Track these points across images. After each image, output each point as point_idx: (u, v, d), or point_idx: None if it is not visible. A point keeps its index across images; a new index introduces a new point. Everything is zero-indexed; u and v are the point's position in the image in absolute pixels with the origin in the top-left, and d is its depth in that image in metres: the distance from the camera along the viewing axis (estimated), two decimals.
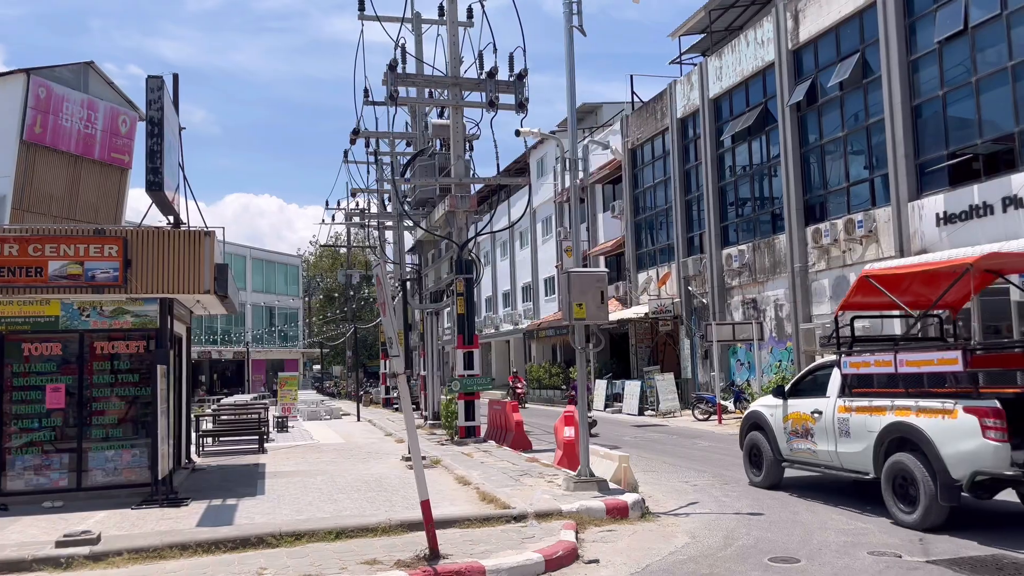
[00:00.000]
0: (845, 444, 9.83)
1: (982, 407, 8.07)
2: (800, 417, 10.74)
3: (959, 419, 8.19)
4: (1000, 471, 7.92)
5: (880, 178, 19.96)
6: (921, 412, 8.66)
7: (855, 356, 9.98)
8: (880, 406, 9.27)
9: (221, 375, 52.48)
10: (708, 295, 26.90)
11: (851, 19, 20.70)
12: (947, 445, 8.26)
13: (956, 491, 8.24)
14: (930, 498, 8.38)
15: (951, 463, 8.20)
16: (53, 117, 30.95)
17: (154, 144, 9.55)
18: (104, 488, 10.95)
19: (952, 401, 8.37)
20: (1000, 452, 7.89)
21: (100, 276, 10.35)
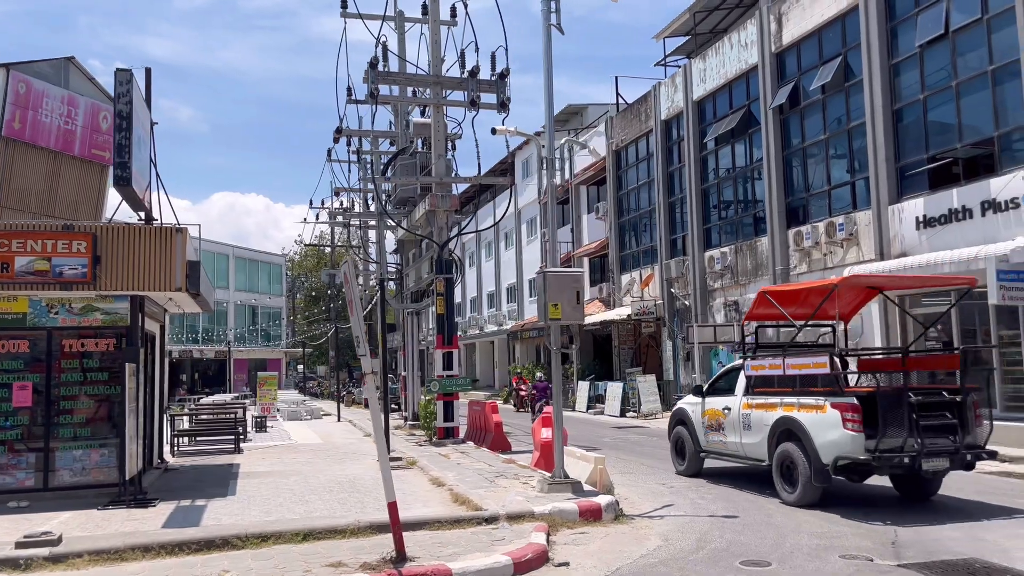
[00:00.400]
0: (748, 436, 11.38)
1: (843, 403, 9.71)
2: (714, 413, 12.32)
3: (827, 413, 9.84)
4: (856, 456, 9.60)
5: (861, 181, 20.00)
6: (801, 408, 10.30)
7: (756, 360, 11.58)
8: (773, 403, 10.89)
9: (203, 374, 52.09)
10: (690, 297, 26.90)
11: (833, 22, 20.73)
12: (819, 435, 9.88)
13: (826, 474, 9.84)
14: (806, 479, 9.98)
15: (821, 450, 9.82)
16: (32, 112, 30.59)
17: (122, 138, 9.39)
18: (72, 488, 10.77)
19: (823, 398, 10.00)
20: (856, 440, 9.58)
21: (68, 272, 10.18)
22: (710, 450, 12.57)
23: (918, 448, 9.45)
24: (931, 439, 9.67)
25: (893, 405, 9.61)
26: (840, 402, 9.73)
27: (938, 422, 9.87)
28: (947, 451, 9.71)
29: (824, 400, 9.94)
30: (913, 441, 9.48)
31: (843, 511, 9.72)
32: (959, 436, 9.87)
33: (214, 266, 51.09)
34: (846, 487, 11.14)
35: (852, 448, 9.57)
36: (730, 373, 12.58)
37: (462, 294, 53.04)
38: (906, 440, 9.49)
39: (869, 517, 9.38)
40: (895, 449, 9.52)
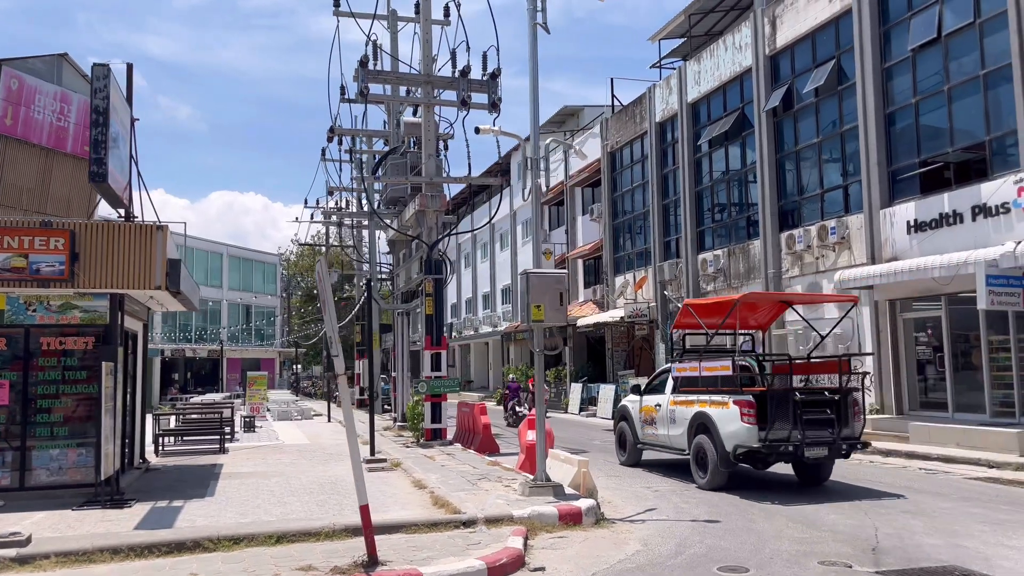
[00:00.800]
0: (673, 429, 12.99)
1: (742, 400, 11.40)
2: (649, 409, 13.98)
3: (730, 408, 11.50)
4: (751, 445, 11.26)
5: (854, 185, 19.93)
6: (712, 404, 11.94)
7: (682, 363, 13.36)
8: (692, 400, 12.57)
9: (196, 374, 51.92)
10: (683, 299, 26.79)
11: (827, 25, 20.67)
12: (723, 427, 11.54)
13: (729, 461, 11.52)
14: (714, 465, 11.66)
15: (725, 440, 11.48)
16: (25, 109, 30.42)
17: (98, 134, 9.27)
18: (48, 488, 10.65)
19: (728, 396, 11.66)
20: (751, 431, 11.25)
21: (45, 270, 10.07)
22: (646, 442, 14.23)
23: (800, 439, 11.16)
24: (812, 431, 11.31)
25: (781, 402, 11.33)
26: (739, 399, 11.42)
27: (819, 417, 11.50)
28: (826, 442, 11.36)
29: (728, 398, 11.63)
30: (797, 433, 11.18)
31: (828, 519, 9.64)
32: (836, 429, 11.49)
33: (207, 265, 50.98)
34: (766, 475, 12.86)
35: (748, 438, 11.28)
36: (663, 374, 14.30)
37: (457, 295, 52.96)
38: (791, 432, 11.21)
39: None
40: (782, 439, 11.21)
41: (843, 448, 11.55)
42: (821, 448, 11.31)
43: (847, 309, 14.71)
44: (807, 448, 11.17)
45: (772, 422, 11.12)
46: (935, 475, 13.27)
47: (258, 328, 56.00)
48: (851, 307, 14.38)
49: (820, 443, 11.28)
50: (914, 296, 17.96)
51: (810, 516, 9.75)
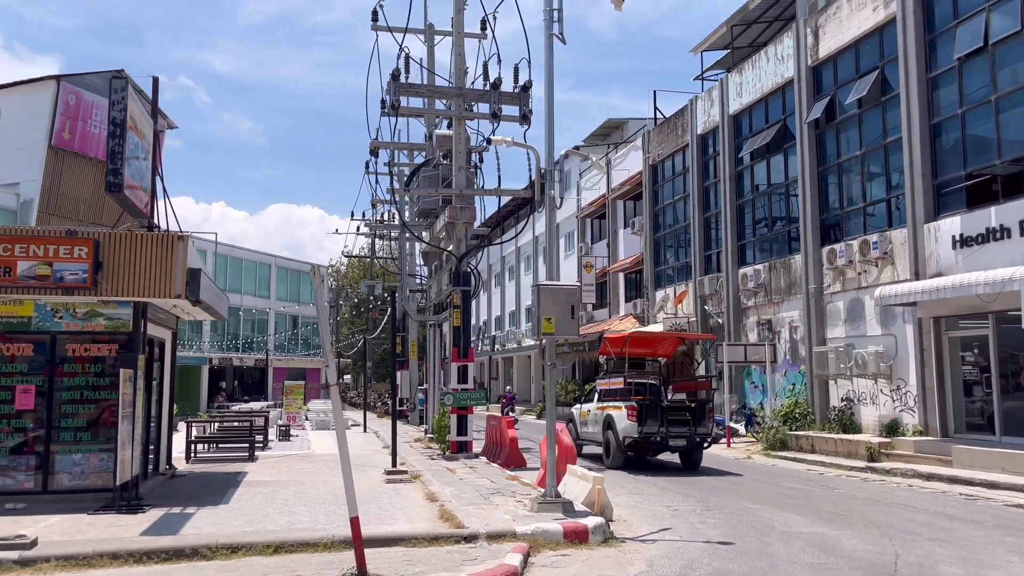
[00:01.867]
0: (595, 427, 17.94)
1: (629, 405, 16.65)
2: (584, 413, 19.00)
3: (623, 411, 16.67)
4: (633, 436, 16.38)
5: (897, 198, 19.31)
6: (614, 408, 17.13)
7: (602, 379, 19.07)
8: (604, 406, 17.74)
9: (243, 382, 52.86)
10: (724, 315, 26.32)
11: (871, 35, 20.14)
12: (619, 424, 16.69)
13: (622, 447, 16.66)
14: (614, 451, 16.84)
15: (619, 433, 16.60)
16: (82, 123, 31.53)
17: (115, 145, 9.49)
18: (70, 492, 10.86)
19: (622, 403, 16.93)
20: (633, 427, 16.36)
21: (69, 278, 10.30)
22: (583, 438, 18.76)
23: (665, 432, 16.34)
24: (675, 428, 16.44)
25: (653, 408, 16.65)
26: (627, 405, 16.68)
27: (680, 418, 16.63)
28: (684, 436, 16.50)
29: (622, 404, 16.87)
30: (664, 428, 16.35)
31: (847, 543, 9.27)
32: (693, 427, 16.59)
33: (256, 275, 51.95)
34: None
35: (631, 431, 16.37)
36: (594, 388, 19.85)
37: (501, 307, 52.98)
38: (659, 428, 16.38)
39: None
40: (653, 433, 16.36)
41: (696, 440, 16.64)
42: (681, 440, 16.52)
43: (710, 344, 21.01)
44: (671, 439, 16.42)
45: (646, 421, 16.32)
46: (975, 501, 12.68)
47: (305, 338, 56.80)
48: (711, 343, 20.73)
49: (680, 436, 16.47)
50: (960, 314, 17.28)
51: (829, 541, 9.37)
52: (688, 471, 16.60)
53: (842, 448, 18.41)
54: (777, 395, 23.32)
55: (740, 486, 14.37)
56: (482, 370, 58.97)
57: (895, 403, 18.97)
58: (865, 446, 17.55)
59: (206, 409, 40.10)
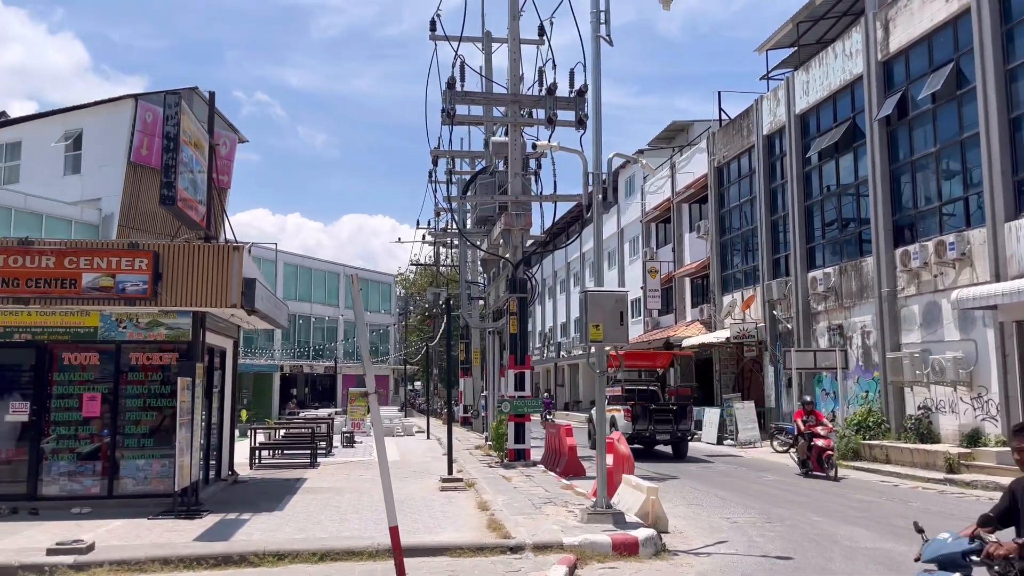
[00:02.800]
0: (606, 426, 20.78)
1: (624, 408, 20.67)
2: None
3: (620, 413, 20.46)
4: (628, 432, 19.71)
5: (975, 197, 18.39)
6: (615, 411, 20.59)
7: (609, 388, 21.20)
8: (613, 408, 20.72)
9: (313, 389, 53.94)
10: (793, 320, 25.53)
11: (944, 27, 19.27)
12: (619, 423, 19.94)
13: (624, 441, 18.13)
14: None
15: (619, 430, 18.08)
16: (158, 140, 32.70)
17: (169, 159, 9.74)
18: (133, 497, 11.19)
19: (620, 406, 20.79)
20: (628, 425, 20.33)
21: (130, 289, 10.62)
22: None
23: (652, 430, 20.55)
24: (660, 426, 20.63)
25: (643, 410, 20.65)
26: (624, 408, 20.71)
27: (664, 418, 20.78)
28: (668, 431, 20.68)
29: (621, 407, 20.75)
30: (651, 426, 20.52)
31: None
32: (675, 425, 20.70)
33: (326, 284, 53.02)
34: None
35: (627, 428, 20.05)
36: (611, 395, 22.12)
37: (566, 314, 52.73)
38: (648, 426, 20.45)
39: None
40: (643, 429, 20.46)
41: (679, 435, 20.80)
42: (665, 435, 20.73)
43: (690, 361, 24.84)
44: (657, 434, 20.66)
45: (638, 420, 20.36)
46: None
47: (373, 345, 57.69)
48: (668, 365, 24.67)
49: (664, 432, 20.70)
50: None
51: (896, 558, 8.91)
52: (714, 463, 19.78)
53: (918, 459, 17.59)
54: (849, 403, 22.47)
55: (806, 497, 13.85)
56: (548, 377, 58.77)
57: (976, 411, 18.03)
58: (943, 457, 16.73)
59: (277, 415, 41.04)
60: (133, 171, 31.21)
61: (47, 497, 11.00)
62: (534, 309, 56.56)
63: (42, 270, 10.41)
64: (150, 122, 31.74)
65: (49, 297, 10.48)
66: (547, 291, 57.59)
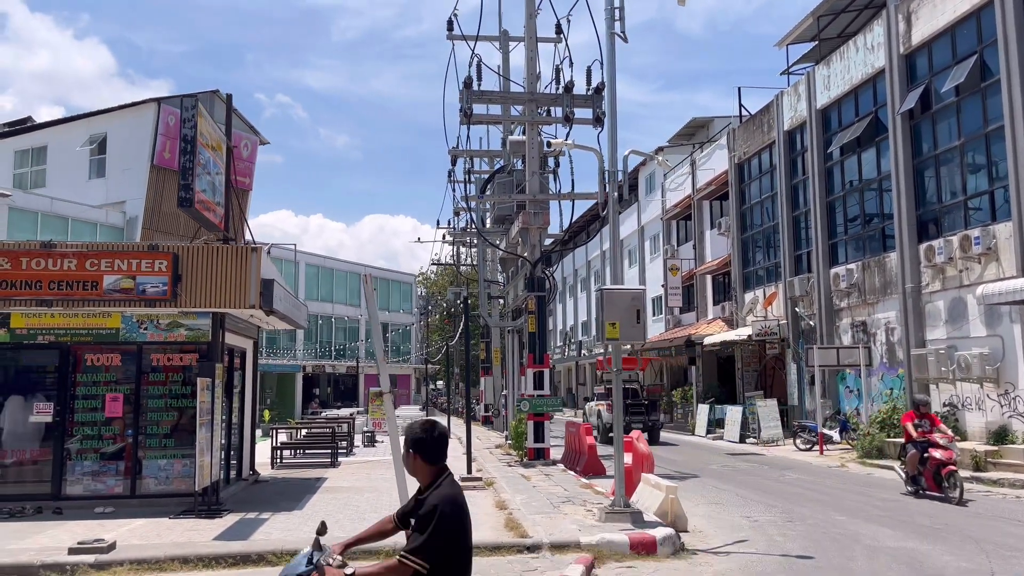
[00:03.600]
0: (594, 418, 25.50)
1: (605, 403, 24.73)
2: (589, 409, 27.36)
3: (603, 407, 25.18)
4: (608, 422, 23.50)
5: (1000, 190, 18.09)
6: (599, 405, 25.99)
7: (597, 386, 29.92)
8: (597, 403, 26.19)
9: (336, 389, 54.24)
10: (815, 317, 25.28)
11: (967, 18, 18.97)
12: (603, 415, 25.06)
13: (604, 430, 24.08)
14: (601, 432, 24.00)
15: (603, 421, 24.71)
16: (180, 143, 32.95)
17: (186, 161, 9.83)
18: (156, 496, 11.31)
19: (604, 402, 25.35)
20: (609, 416, 23.24)
21: (151, 290, 10.73)
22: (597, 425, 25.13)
23: (627, 420, 20.87)
24: (634, 416, 23.73)
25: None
26: (604, 403, 24.45)
27: (638, 411, 24.72)
28: (641, 421, 24.01)
29: (604, 402, 24.47)
30: (627, 417, 21.50)
31: (941, 560, 8.65)
32: (647, 416, 24.94)
33: (347, 284, 53.28)
34: None
35: (608, 419, 23.03)
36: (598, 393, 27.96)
37: (587, 312, 52.59)
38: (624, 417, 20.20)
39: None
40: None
41: (650, 424, 24.86)
42: (639, 424, 23.23)
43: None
44: (632, 424, 22.52)
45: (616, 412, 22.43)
46: None
47: (395, 345, 57.89)
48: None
49: (639, 421, 23.80)
50: None
51: (919, 557, 8.78)
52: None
53: None
54: (873, 400, 22.20)
55: (828, 496, 13.70)
56: (569, 375, 58.66)
57: (1003, 408, 17.74)
58: (970, 454, 16.47)
59: (300, 415, 41.30)
60: (156, 174, 31.51)
61: (71, 497, 11.15)
62: (554, 308, 56.50)
63: (64, 272, 10.56)
64: (172, 125, 31.99)
65: (71, 299, 10.62)
66: (567, 289, 57.47)
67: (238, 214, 13.50)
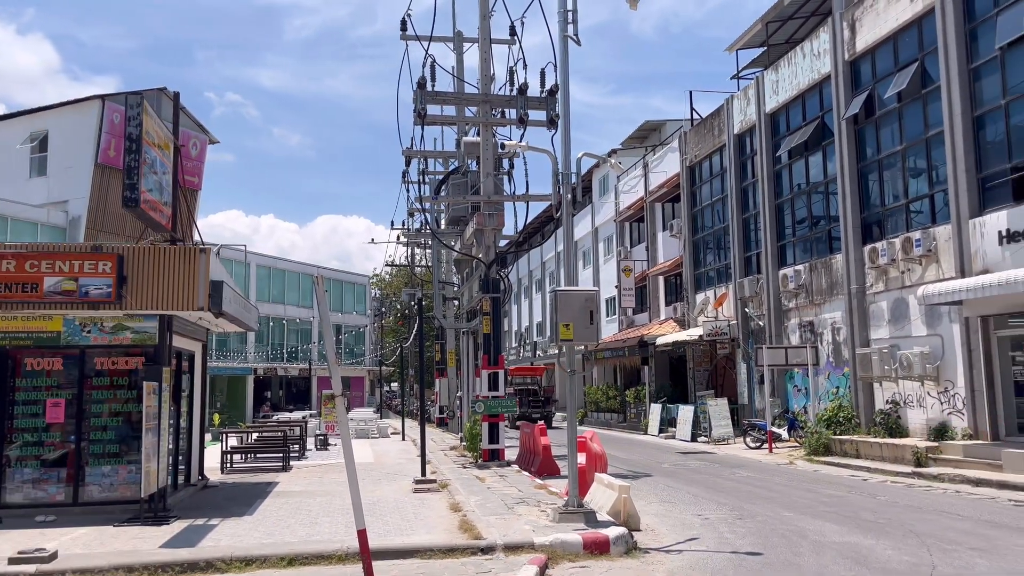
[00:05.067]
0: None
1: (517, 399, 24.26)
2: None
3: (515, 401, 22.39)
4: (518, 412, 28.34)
5: (940, 194, 18.66)
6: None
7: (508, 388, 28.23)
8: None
9: (288, 391, 53.51)
10: (764, 317, 25.75)
11: (909, 26, 19.53)
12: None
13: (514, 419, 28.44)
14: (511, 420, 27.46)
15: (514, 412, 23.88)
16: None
17: (132, 160, 9.61)
18: (100, 503, 11.02)
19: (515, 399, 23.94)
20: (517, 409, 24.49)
21: (94, 292, 10.46)
22: None
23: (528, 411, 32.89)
24: (533, 408, 34.27)
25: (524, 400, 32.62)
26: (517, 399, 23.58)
27: (535, 403, 35.43)
28: (539, 412, 33.64)
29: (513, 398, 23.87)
30: (528, 410, 33.25)
31: (884, 556, 8.88)
32: (544, 409, 35.29)
33: (299, 285, 52.63)
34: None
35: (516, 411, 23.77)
36: None
37: (542, 313, 52.78)
38: (527, 409, 33.51)
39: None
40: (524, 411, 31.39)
41: (544, 414, 33.30)
42: (537, 414, 31.50)
43: None
44: (532, 414, 30.80)
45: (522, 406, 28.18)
46: (1023, 508, 12.10)
47: (348, 347, 57.31)
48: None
49: (537, 412, 32.16)
50: (1009, 312, 16.59)
51: (863, 552, 9.01)
52: None
53: (887, 453, 17.82)
54: (820, 399, 22.71)
55: (777, 493, 13.97)
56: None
57: (943, 406, 18.30)
58: (911, 451, 16.96)
59: (252, 419, 40.63)
60: (101, 173, 30.71)
61: (11, 505, 10.81)
62: (509, 309, 56.56)
63: (3, 274, 10.23)
64: (117, 123, 31.20)
65: (10, 301, 10.30)
66: (522, 291, 57.59)
67: (186, 214, 13.24)
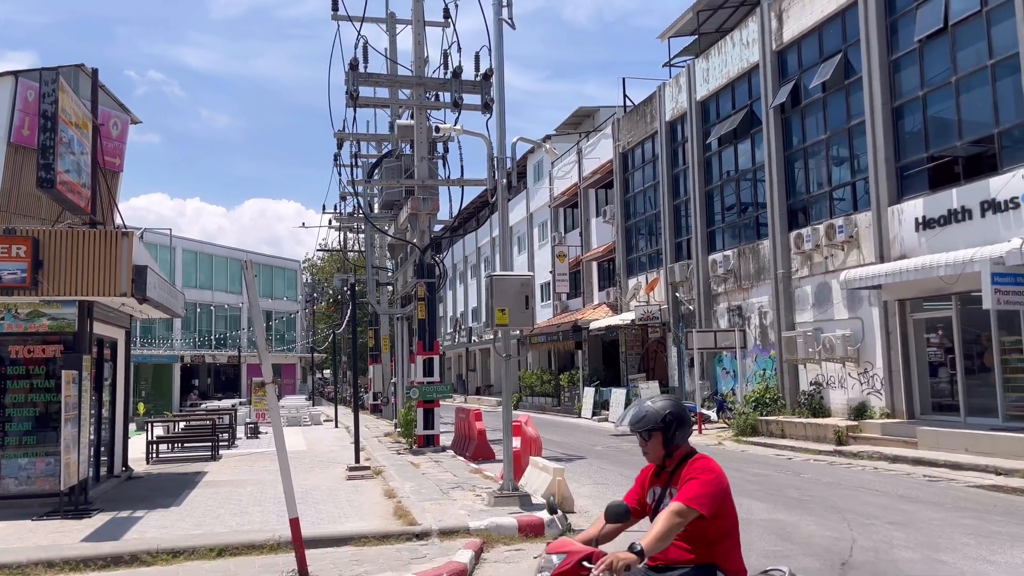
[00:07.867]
0: None
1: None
2: None
3: None
4: None
5: (861, 182, 19.30)
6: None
7: None
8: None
9: (216, 380, 52.31)
10: (695, 301, 26.28)
11: (834, 18, 20.06)
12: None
13: None
14: None
15: None
16: None
17: (47, 139, 9.19)
18: (16, 497, 10.58)
19: None
20: None
21: (7, 277, 9.99)
22: None
23: None
24: None
25: None
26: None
27: None
28: None
29: None
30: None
31: (806, 534, 9.18)
32: None
33: (227, 271, 51.37)
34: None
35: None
36: None
37: (477, 299, 52.79)
38: None
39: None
40: None
41: None
42: None
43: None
44: None
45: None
46: (936, 483, 12.69)
47: (279, 334, 56.27)
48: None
49: None
50: (924, 296, 17.31)
51: (787, 528, 9.31)
52: None
53: (811, 432, 18.43)
54: (748, 381, 23.32)
55: None
56: (460, 362, 58.76)
57: (863, 386, 19.02)
58: (833, 430, 17.58)
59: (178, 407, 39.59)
60: (14, 152, 29.13)
61: None
62: (444, 294, 56.36)
63: None
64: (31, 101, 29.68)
65: None
66: (458, 276, 57.46)
67: (107, 196, 12.75)
